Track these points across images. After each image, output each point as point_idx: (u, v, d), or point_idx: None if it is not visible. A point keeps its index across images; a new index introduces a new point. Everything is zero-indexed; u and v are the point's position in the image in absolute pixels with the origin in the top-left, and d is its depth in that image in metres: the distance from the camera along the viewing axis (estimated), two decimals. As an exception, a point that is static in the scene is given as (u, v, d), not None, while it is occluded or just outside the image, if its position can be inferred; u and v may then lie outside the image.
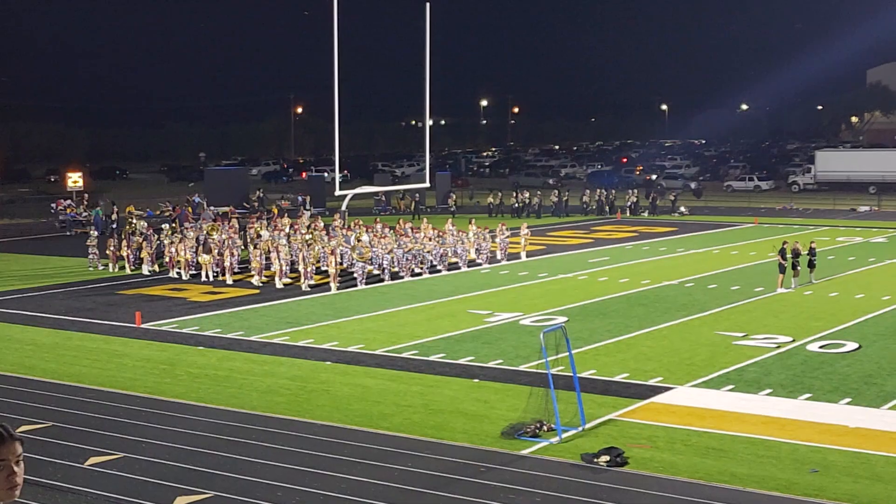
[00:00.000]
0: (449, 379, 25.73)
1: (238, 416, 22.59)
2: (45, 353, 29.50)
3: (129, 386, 25.42)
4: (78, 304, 37.34)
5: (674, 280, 40.95)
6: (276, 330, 31.96)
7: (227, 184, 70.37)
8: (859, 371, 25.96)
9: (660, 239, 55.98)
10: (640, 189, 78.35)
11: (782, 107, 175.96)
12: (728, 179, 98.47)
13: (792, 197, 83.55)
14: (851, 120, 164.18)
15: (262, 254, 41.58)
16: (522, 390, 23.45)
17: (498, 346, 29.24)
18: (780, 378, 25.32)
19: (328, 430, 21.45)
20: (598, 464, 19.07)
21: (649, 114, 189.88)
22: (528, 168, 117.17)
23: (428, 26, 55.14)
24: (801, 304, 35.57)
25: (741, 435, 20.83)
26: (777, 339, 29.62)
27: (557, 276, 42.49)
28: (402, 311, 35.28)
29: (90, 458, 19.74)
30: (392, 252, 41.97)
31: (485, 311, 34.73)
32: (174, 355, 28.81)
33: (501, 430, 21.11)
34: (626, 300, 36.86)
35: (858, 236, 56.20)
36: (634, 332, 31.09)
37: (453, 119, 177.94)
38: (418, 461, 19.42)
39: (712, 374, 25.83)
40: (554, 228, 61.51)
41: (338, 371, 26.75)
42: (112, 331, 32.38)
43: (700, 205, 77.20)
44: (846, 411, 22.51)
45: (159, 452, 20.11)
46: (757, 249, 50.10)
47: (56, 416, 22.75)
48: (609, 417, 22.13)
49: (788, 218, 67.50)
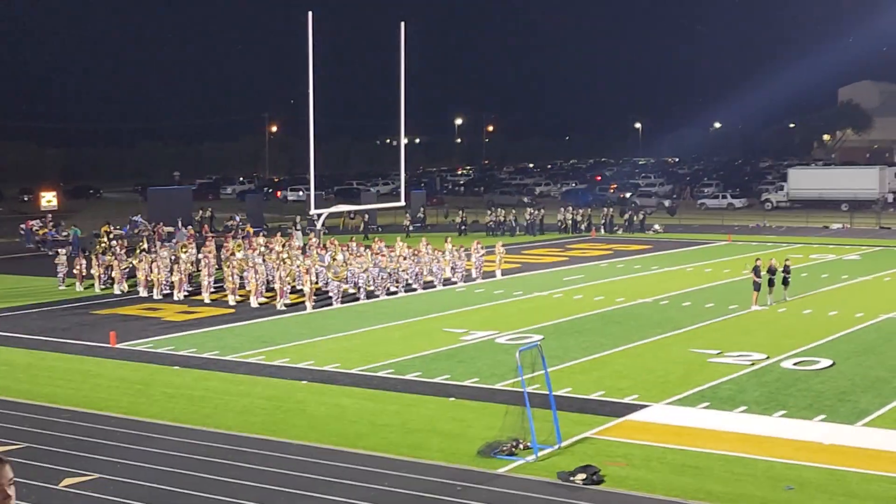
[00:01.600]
0: (425, 398, 25.70)
1: (214, 437, 22.50)
2: (18, 373, 29.30)
3: (103, 406, 25.28)
4: (51, 324, 37.14)
5: (648, 298, 41.09)
6: (252, 349, 31.87)
7: (169, 203, 69.76)
8: (833, 388, 26.09)
9: (634, 256, 56.17)
10: (614, 207, 78.65)
11: (755, 125, 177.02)
12: (700, 197, 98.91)
13: (765, 214, 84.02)
14: (823, 138, 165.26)
15: (235, 273, 41.44)
16: (498, 409, 23.46)
17: (473, 365, 29.25)
18: (755, 395, 25.42)
19: (304, 450, 21.38)
20: (574, 482, 19.09)
21: (623, 132, 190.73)
22: (502, 186, 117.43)
23: (403, 45, 55.24)
24: (775, 322, 35.74)
25: (717, 452, 20.89)
26: (751, 357, 29.74)
27: (533, 294, 42.55)
28: (377, 329, 35.25)
29: (64, 479, 19.61)
30: (367, 271, 41.96)
31: (460, 329, 34.74)
32: (149, 375, 28.68)
33: (478, 448, 21.09)
34: (601, 318, 36.96)
35: (831, 253, 56.54)
36: (609, 350, 31.16)
37: (428, 137, 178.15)
38: (395, 480, 19.39)
39: (687, 391, 25.91)
40: (529, 246, 61.63)
41: (314, 390, 26.69)
42: (86, 351, 32.22)
43: (674, 222, 77.52)
44: (821, 428, 22.61)
45: (134, 473, 19.99)
46: (731, 267, 50.34)
47: (30, 436, 22.59)
48: (585, 435, 22.15)
49: (762, 235, 67.86)
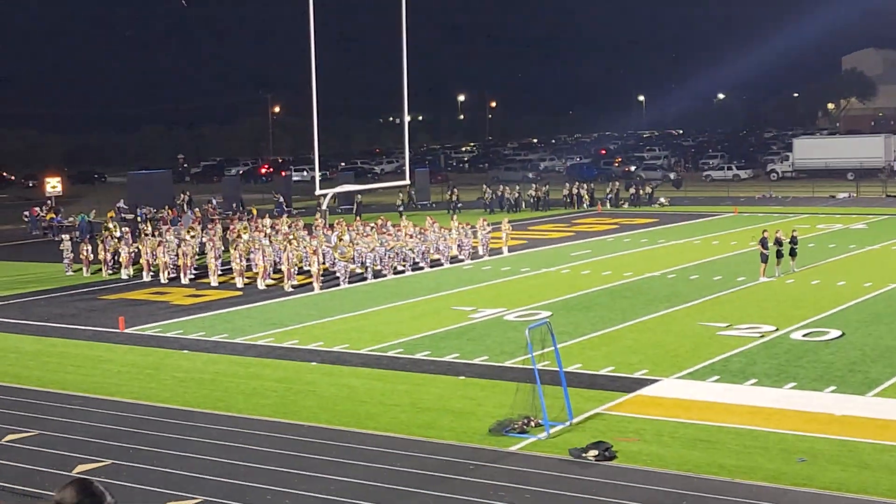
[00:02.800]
0: (435, 377, 25.72)
1: (224, 420, 22.53)
2: (28, 360, 29.35)
3: (114, 392, 25.31)
4: (60, 310, 37.18)
5: (656, 271, 41.04)
6: (261, 331, 31.88)
7: (149, 188, 69.59)
8: (844, 359, 26.06)
9: (641, 231, 56.10)
10: (620, 181, 78.51)
11: (758, 95, 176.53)
12: (706, 169, 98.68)
13: (771, 185, 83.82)
14: (828, 107, 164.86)
15: (241, 255, 41.40)
16: (509, 386, 23.46)
17: (483, 343, 29.25)
18: (765, 367, 25.40)
19: (315, 432, 21.40)
20: (586, 458, 19.09)
21: (626, 105, 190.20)
22: (507, 162, 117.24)
23: (404, 21, 55.09)
24: (783, 293, 35.69)
25: (728, 426, 20.88)
26: (760, 329, 29.71)
27: (540, 271, 42.52)
28: (386, 309, 35.24)
29: (77, 465, 19.64)
30: (374, 250, 41.92)
31: (469, 307, 34.73)
32: (158, 360, 28.71)
33: (489, 427, 21.10)
34: (609, 293, 36.92)
35: (838, 223, 56.43)
36: (618, 325, 31.15)
37: (431, 115, 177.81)
38: (407, 460, 19.40)
39: (697, 365, 25.89)
40: (535, 222, 61.55)
41: (323, 371, 26.71)
42: (96, 336, 32.25)
43: (680, 195, 77.39)
44: (832, 399, 22.59)
45: (147, 458, 20.03)
46: (738, 239, 50.26)
47: (41, 423, 22.63)
48: (596, 411, 22.15)
49: (768, 206, 67.74)
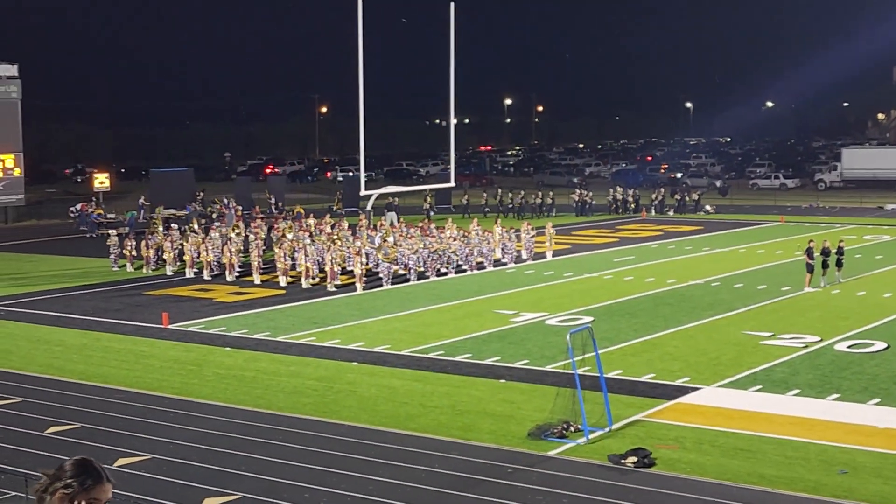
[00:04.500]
0: (475, 379, 25.72)
1: (265, 417, 22.65)
2: (72, 353, 29.65)
3: (156, 387, 25.52)
4: (105, 304, 37.51)
5: (700, 279, 40.81)
6: (303, 330, 32.02)
7: (172, 185, 69.88)
8: (888, 371, 25.80)
9: (685, 238, 55.79)
10: (665, 187, 78.07)
11: (808, 104, 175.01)
12: (753, 178, 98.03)
13: (818, 195, 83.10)
14: (878, 117, 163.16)
15: (285, 254, 41.60)
16: (549, 391, 23.41)
17: (524, 347, 29.21)
18: (808, 378, 25.20)
19: (355, 431, 21.47)
20: (625, 465, 19.03)
21: (674, 111, 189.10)
22: (552, 167, 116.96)
23: (453, 25, 55.16)
24: (828, 304, 35.38)
25: (769, 436, 20.74)
26: (804, 339, 29.47)
27: (583, 276, 42.41)
28: (427, 311, 35.28)
29: (118, 458, 19.82)
30: (418, 252, 41.97)
31: (511, 310, 34.69)
32: (201, 356, 28.90)
33: (528, 430, 21.08)
34: (652, 300, 36.76)
35: (886, 234, 55.84)
36: (660, 332, 31.00)
37: (477, 117, 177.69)
38: (445, 462, 19.42)
39: (739, 374, 25.73)
40: (579, 227, 61.37)
41: (364, 372, 26.78)
42: (139, 331, 32.51)
43: (726, 203, 76.90)
44: (875, 412, 22.38)
45: (187, 453, 20.18)
46: (783, 248, 49.87)
47: (84, 417, 22.86)
48: (636, 418, 22.07)
49: (815, 216, 67.15)
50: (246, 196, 70.89)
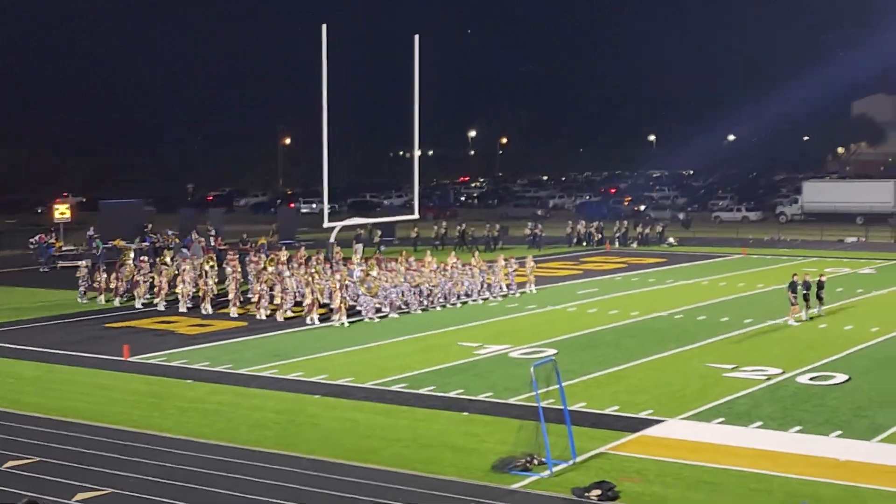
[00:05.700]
0: (438, 412, 25.62)
1: (226, 451, 22.44)
2: (30, 386, 29.30)
3: (116, 420, 25.23)
4: (65, 336, 37.13)
5: (663, 311, 40.93)
6: (265, 363, 31.80)
7: (121, 217, 69.31)
8: (849, 403, 25.93)
9: (649, 270, 56.00)
10: (629, 220, 78.42)
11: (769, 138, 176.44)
12: (715, 210, 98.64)
13: (780, 228, 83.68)
14: (838, 151, 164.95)
15: (263, 287, 41.22)
16: (512, 423, 23.35)
17: (488, 379, 29.15)
18: (770, 411, 25.27)
19: (317, 465, 21.31)
20: (589, 498, 18.97)
21: (637, 144, 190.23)
22: (516, 199, 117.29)
23: (417, 58, 55.24)
24: (790, 336, 35.56)
25: (732, 468, 20.76)
26: (767, 371, 29.58)
27: (546, 308, 42.43)
28: (392, 343, 35.15)
29: (77, 493, 19.56)
30: (398, 286, 41.55)
31: (474, 343, 34.65)
32: (162, 389, 28.64)
33: (492, 463, 21.00)
34: (616, 332, 36.82)
35: (846, 267, 56.29)
36: (624, 364, 31.03)
37: (441, 150, 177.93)
38: (408, 496, 19.29)
39: (703, 406, 25.77)
40: (542, 260, 61.43)
41: (326, 405, 26.62)
42: (99, 364, 32.19)
43: (689, 235, 77.31)
44: (837, 444, 22.46)
45: (148, 488, 19.94)
46: (746, 280, 50.16)
47: (42, 450, 22.54)
48: (600, 450, 22.04)
49: (777, 249, 67.61)
50: (189, 228, 69.84)
